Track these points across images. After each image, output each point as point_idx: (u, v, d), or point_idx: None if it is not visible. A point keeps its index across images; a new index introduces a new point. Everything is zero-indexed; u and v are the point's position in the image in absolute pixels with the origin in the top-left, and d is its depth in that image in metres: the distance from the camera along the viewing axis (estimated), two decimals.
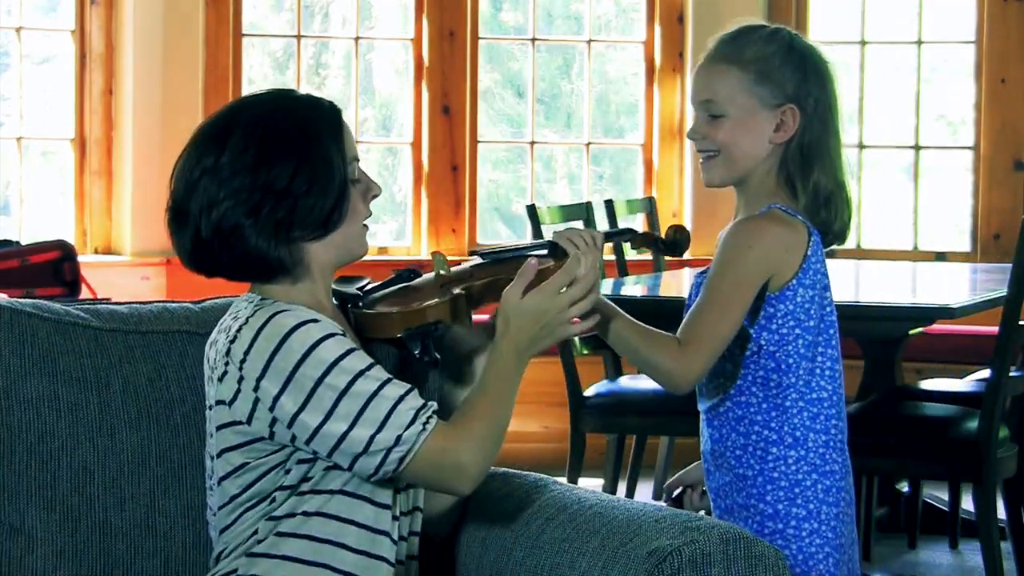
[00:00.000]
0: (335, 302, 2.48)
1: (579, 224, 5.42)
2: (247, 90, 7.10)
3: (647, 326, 2.58)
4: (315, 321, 2.31)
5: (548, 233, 5.18)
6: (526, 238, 7.10)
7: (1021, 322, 4.30)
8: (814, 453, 2.61)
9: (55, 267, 6.13)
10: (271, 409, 2.29)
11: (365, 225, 2.43)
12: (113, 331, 2.56)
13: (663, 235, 2.66)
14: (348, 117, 2.46)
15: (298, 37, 7.15)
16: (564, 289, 2.35)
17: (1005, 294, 4.31)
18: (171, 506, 2.52)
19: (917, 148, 7.25)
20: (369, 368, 2.30)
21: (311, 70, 7.63)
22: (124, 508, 2.50)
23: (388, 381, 2.30)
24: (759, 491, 2.62)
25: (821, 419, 2.61)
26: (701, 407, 2.70)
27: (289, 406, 2.28)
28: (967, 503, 5.25)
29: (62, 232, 6.78)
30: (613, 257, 5.70)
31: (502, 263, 2.47)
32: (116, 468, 2.50)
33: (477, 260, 2.51)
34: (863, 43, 7.18)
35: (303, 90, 2.88)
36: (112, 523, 2.50)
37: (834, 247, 2.70)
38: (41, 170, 7.12)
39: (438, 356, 2.44)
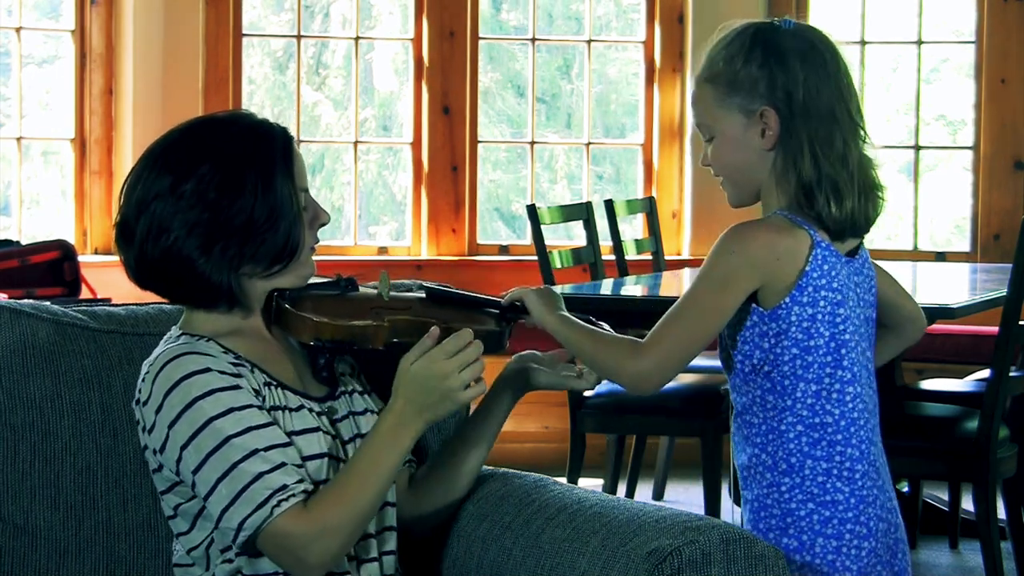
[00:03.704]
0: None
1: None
2: (247, 90, 7.11)
3: (602, 331, 2.48)
4: (204, 371, 2.28)
5: (547, 233, 5.19)
6: (526, 238, 7.12)
7: (1021, 322, 4.30)
8: (811, 481, 2.45)
9: (55, 267, 6.13)
10: (163, 461, 2.30)
11: (312, 248, 2.41)
12: (111, 332, 2.56)
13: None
14: (348, 117, 2.45)
15: (298, 37, 7.15)
16: (456, 353, 2.30)
17: (1005, 294, 4.31)
18: None
19: (917, 148, 7.25)
20: (240, 434, 2.25)
21: (311, 70, 7.63)
22: (127, 508, 2.51)
23: (254, 453, 2.25)
24: (753, 516, 2.50)
25: (823, 445, 2.45)
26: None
27: (169, 462, 2.29)
28: (967, 503, 5.26)
29: (62, 232, 6.78)
30: (613, 257, 5.70)
31: (446, 307, 2.41)
32: (119, 468, 2.51)
33: (423, 295, 2.45)
34: (863, 43, 7.18)
35: (303, 90, 2.87)
36: (115, 522, 2.50)
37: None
38: (41, 170, 7.12)
39: (337, 379, 2.43)
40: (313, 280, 2.45)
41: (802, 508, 2.46)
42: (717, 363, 5.92)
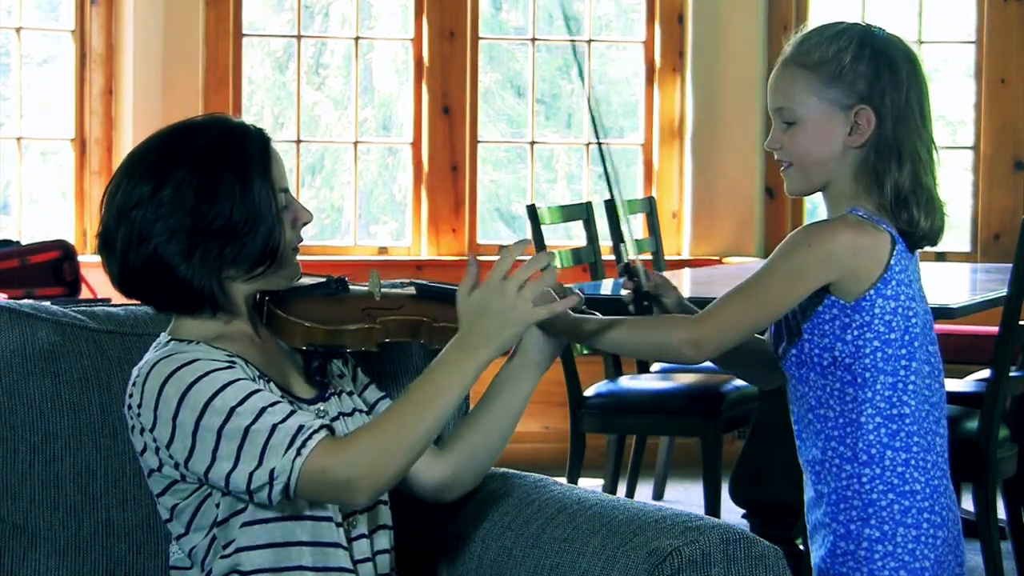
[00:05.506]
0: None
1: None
2: (247, 90, 7.11)
3: (634, 317, 2.53)
4: (192, 362, 2.29)
5: (547, 233, 5.19)
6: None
7: (1021, 322, 4.30)
8: (891, 472, 2.49)
9: (55, 267, 6.13)
10: (170, 456, 2.30)
11: (296, 248, 2.41)
12: (111, 333, 2.57)
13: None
14: (348, 117, 2.45)
15: (298, 37, 7.15)
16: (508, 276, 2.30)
17: (1005, 294, 4.31)
18: None
19: None
20: (243, 401, 2.26)
21: (311, 70, 7.63)
22: (126, 508, 2.51)
23: (263, 411, 2.25)
24: (832, 509, 2.52)
25: (901, 436, 2.50)
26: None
27: (179, 453, 2.28)
28: (967, 503, 5.26)
29: (62, 232, 6.78)
30: (613, 257, 5.70)
31: (435, 303, 2.41)
32: (118, 468, 2.51)
33: (413, 291, 2.45)
34: None
35: (303, 90, 2.86)
36: (114, 522, 2.50)
37: None
38: (41, 170, 7.12)
39: (328, 382, 2.42)
40: (304, 280, 2.45)
41: (883, 499, 2.50)
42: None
